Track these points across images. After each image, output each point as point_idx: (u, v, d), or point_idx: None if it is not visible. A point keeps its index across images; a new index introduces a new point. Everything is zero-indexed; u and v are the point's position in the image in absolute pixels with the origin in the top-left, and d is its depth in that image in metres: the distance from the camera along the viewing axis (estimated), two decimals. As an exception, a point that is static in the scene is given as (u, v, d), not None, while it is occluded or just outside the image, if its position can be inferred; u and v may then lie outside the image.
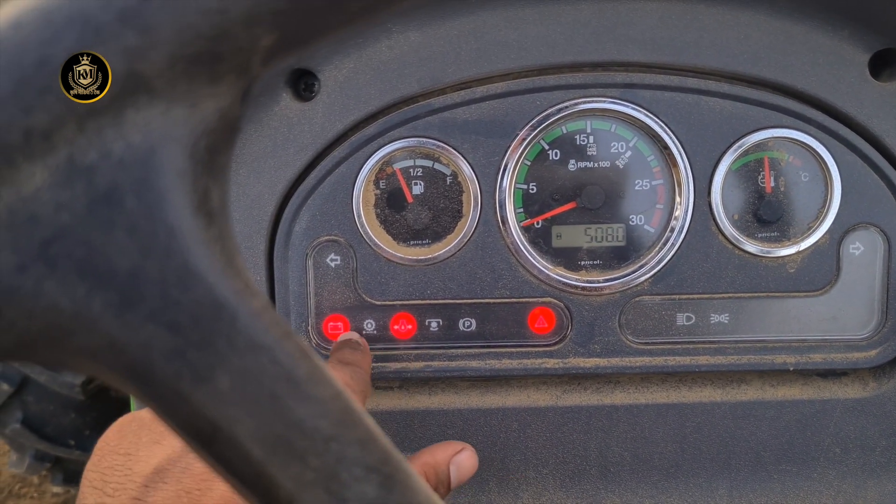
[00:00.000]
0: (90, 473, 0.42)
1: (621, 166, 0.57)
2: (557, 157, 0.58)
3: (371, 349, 0.58)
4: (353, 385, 0.48)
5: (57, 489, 1.83)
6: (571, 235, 0.58)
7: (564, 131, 0.57)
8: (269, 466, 0.20)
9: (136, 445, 0.42)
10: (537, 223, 0.58)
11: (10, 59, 0.18)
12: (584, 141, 0.57)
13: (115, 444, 0.42)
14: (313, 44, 0.22)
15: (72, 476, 1.44)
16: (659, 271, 0.57)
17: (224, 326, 0.20)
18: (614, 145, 0.57)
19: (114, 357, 0.19)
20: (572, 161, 0.57)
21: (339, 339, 0.57)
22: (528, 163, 0.57)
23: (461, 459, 0.50)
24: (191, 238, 0.20)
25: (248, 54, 0.20)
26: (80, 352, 0.20)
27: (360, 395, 0.48)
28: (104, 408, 1.27)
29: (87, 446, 1.32)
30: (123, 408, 1.34)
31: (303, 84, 0.57)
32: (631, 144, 0.57)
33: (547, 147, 0.57)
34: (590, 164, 0.57)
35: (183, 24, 0.19)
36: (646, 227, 0.58)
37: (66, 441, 1.31)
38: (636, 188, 0.58)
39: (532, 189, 0.58)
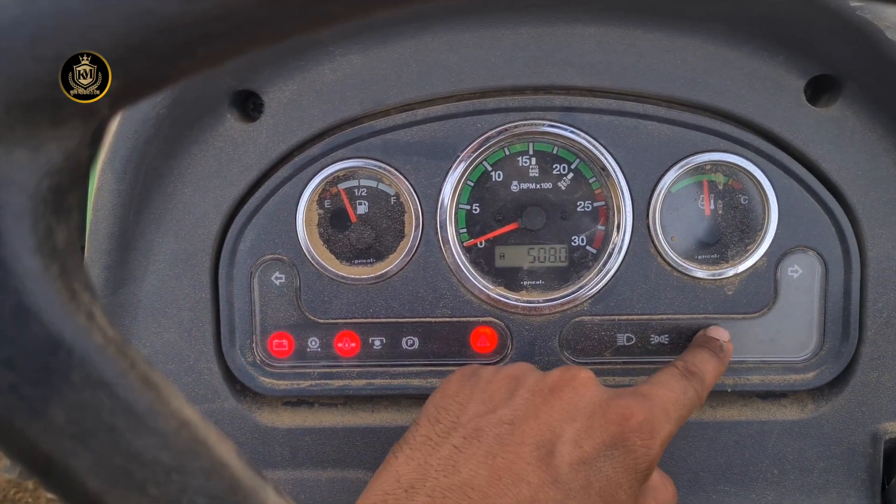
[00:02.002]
0: (430, 407, 0.49)
1: (563, 188, 0.58)
2: (500, 179, 0.58)
3: (314, 367, 0.59)
4: (675, 396, 0.48)
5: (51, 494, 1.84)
6: (515, 256, 0.59)
7: (507, 153, 0.58)
8: (107, 497, 0.21)
9: (470, 399, 0.48)
10: (480, 243, 0.59)
11: None
12: (526, 163, 0.58)
13: (454, 392, 0.49)
14: (164, 87, 0.23)
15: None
16: (598, 292, 0.58)
17: (59, 362, 0.20)
18: (556, 167, 0.58)
19: None
20: (515, 182, 0.58)
21: (709, 333, 0.57)
22: (472, 184, 0.58)
23: None
24: (27, 277, 0.20)
25: (94, 97, 0.21)
26: None
27: (679, 412, 0.48)
28: None
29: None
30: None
31: (251, 105, 0.58)
32: (573, 167, 0.58)
33: (490, 168, 0.58)
34: (532, 186, 0.58)
35: (19, 71, 0.20)
36: (588, 247, 0.59)
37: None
38: (578, 209, 0.58)
39: (475, 209, 0.58)
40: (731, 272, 0.57)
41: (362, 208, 0.58)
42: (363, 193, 0.58)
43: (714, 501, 0.58)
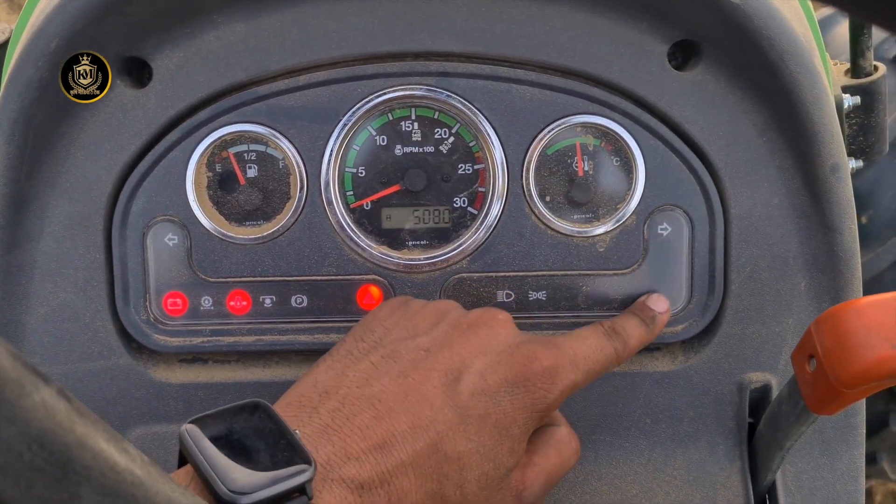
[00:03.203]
0: (358, 327, 0.53)
1: (444, 151, 0.61)
2: (384, 143, 0.61)
3: (207, 325, 0.61)
4: (589, 352, 0.53)
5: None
6: (400, 217, 0.61)
7: (391, 118, 0.60)
8: None
9: (396, 325, 0.52)
10: (366, 204, 0.61)
11: None
12: (409, 127, 0.61)
13: (383, 317, 0.53)
14: None
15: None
16: (476, 250, 0.60)
17: None
18: (438, 131, 0.61)
19: None
20: (398, 146, 0.61)
21: (648, 300, 0.59)
22: (357, 148, 0.61)
23: None
24: None
25: None
26: None
27: (591, 366, 0.53)
28: None
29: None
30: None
31: (147, 74, 0.60)
32: (453, 131, 0.61)
33: (374, 133, 0.61)
34: (415, 149, 0.61)
35: None
36: (469, 208, 0.61)
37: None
38: (459, 172, 0.61)
39: (361, 173, 0.61)
40: (601, 230, 0.60)
41: (252, 172, 0.61)
42: (252, 157, 0.61)
43: (589, 450, 0.61)
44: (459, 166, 0.61)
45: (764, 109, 0.58)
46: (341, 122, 0.59)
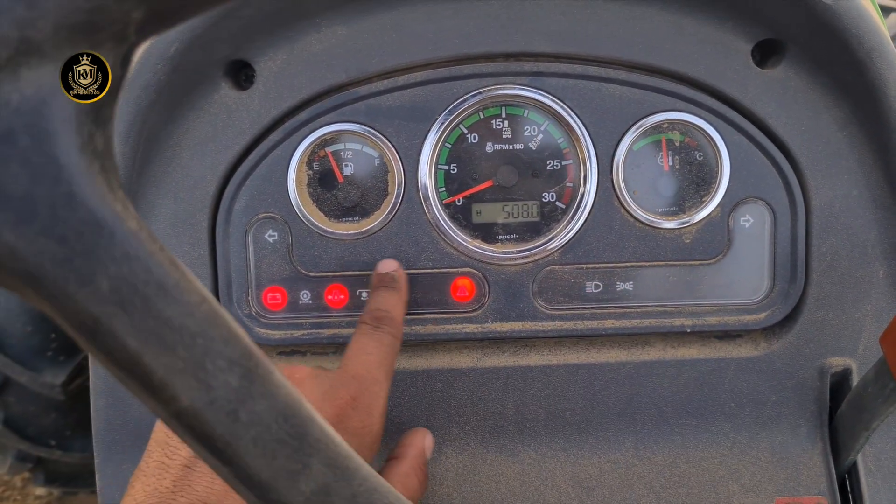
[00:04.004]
0: (158, 431, 0.49)
1: (534, 148, 0.63)
2: (476, 140, 0.63)
3: (306, 318, 0.64)
4: (376, 359, 0.53)
5: (40, 491, 1.86)
6: (490, 212, 0.64)
7: (482, 116, 0.63)
8: (144, 356, 0.26)
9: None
10: (458, 200, 0.63)
11: None
12: (499, 125, 0.63)
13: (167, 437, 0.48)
14: (182, 19, 0.27)
15: (54, 477, 1.46)
16: (567, 243, 0.63)
17: (104, 240, 0.25)
18: (527, 129, 0.63)
19: (12, 264, 0.25)
20: (489, 144, 0.63)
21: (378, 269, 0.61)
22: (449, 146, 0.63)
23: (427, 445, 0.57)
24: (75, 170, 0.25)
25: (123, 25, 0.26)
26: None
27: (386, 368, 0.53)
28: (85, 408, 1.30)
29: (67, 446, 1.35)
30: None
31: (243, 75, 0.62)
32: (542, 128, 0.63)
33: (466, 131, 0.63)
34: (505, 147, 0.63)
35: None
36: (557, 203, 0.63)
37: (47, 441, 1.33)
38: (548, 168, 0.63)
39: (453, 169, 0.63)
40: (688, 222, 0.62)
41: (348, 169, 0.63)
42: (349, 156, 0.63)
43: (677, 434, 0.63)
44: (548, 162, 0.63)
45: (845, 105, 0.60)
46: (438, 121, 0.61)
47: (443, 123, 0.61)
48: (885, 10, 1.77)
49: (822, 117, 0.61)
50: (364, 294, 0.64)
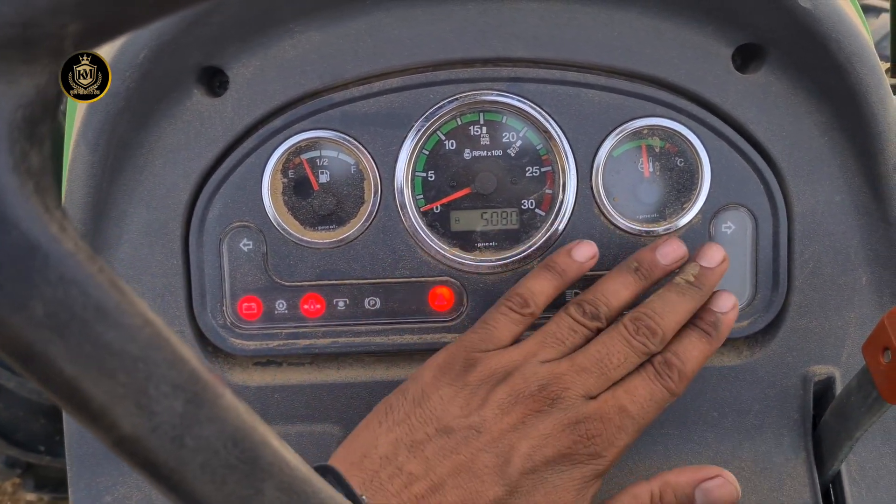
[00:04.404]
0: (413, 388, 0.55)
1: (513, 154, 0.62)
2: (453, 147, 0.62)
3: (282, 328, 0.63)
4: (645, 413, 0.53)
5: (31, 497, 1.85)
6: (469, 219, 0.63)
7: (459, 123, 0.62)
8: (82, 382, 0.25)
9: (452, 398, 0.53)
10: (436, 208, 0.62)
11: None
12: (477, 132, 0.62)
13: (440, 383, 0.54)
14: (122, 32, 0.26)
15: (44, 482, 1.45)
16: (548, 250, 0.62)
17: (38, 264, 0.24)
18: (506, 135, 0.62)
19: None
20: (467, 150, 0.62)
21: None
22: (427, 152, 0.62)
23: (711, 486, 0.52)
24: (6, 191, 0.24)
25: (58, 39, 0.25)
26: None
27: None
28: None
29: (57, 452, 1.34)
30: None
31: (217, 82, 0.61)
32: (521, 134, 0.62)
33: (443, 138, 0.62)
34: (483, 153, 0.62)
35: None
36: (537, 210, 0.63)
37: (36, 447, 1.32)
38: (527, 175, 0.62)
39: (430, 177, 0.62)
40: (669, 229, 0.61)
41: (324, 177, 0.62)
42: (325, 163, 0.62)
43: (658, 443, 0.63)
44: (527, 169, 0.62)
45: (827, 109, 0.59)
46: (414, 127, 0.60)
47: (420, 130, 0.61)
48: (875, 11, 1.76)
49: (804, 122, 0.60)
50: (342, 303, 0.63)
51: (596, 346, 0.53)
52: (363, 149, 0.61)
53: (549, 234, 0.61)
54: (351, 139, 0.61)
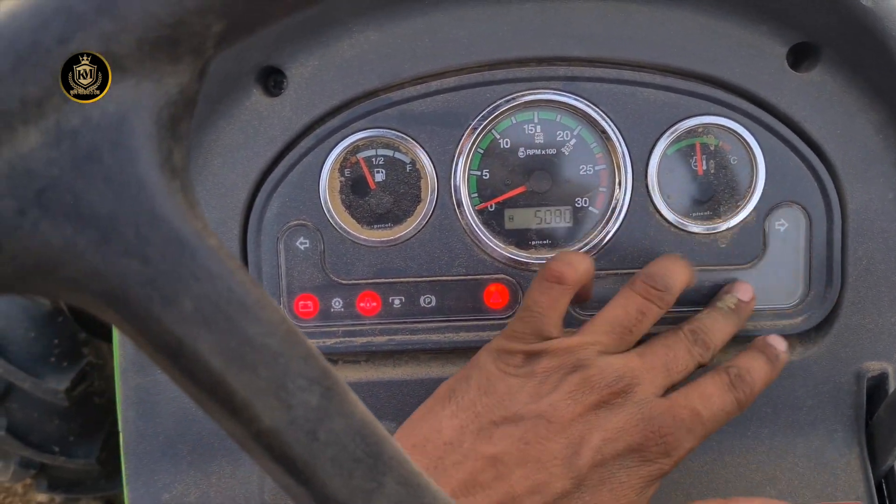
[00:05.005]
0: (478, 375, 0.54)
1: (567, 153, 0.63)
2: (508, 146, 0.63)
3: (339, 326, 0.63)
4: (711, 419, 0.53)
5: (42, 497, 1.85)
6: (523, 217, 0.63)
7: (514, 121, 0.62)
8: (227, 376, 0.25)
9: (521, 386, 0.53)
10: (490, 206, 0.63)
11: (8, 43, 0.23)
12: (531, 130, 0.62)
13: (509, 371, 0.53)
14: (259, 30, 0.27)
15: (57, 483, 1.45)
16: (602, 248, 0.62)
17: (186, 260, 0.24)
18: (560, 134, 0.63)
19: (96, 285, 0.24)
20: (522, 149, 0.63)
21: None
22: (481, 151, 0.62)
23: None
24: (157, 188, 0.24)
25: (202, 38, 0.25)
26: (68, 281, 0.24)
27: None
28: (89, 414, 1.30)
29: (71, 453, 1.34)
30: (107, 414, 1.33)
31: (272, 81, 0.62)
32: (575, 133, 0.62)
33: (498, 136, 0.62)
34: (538, 152, 0.63)
35: (147, 12, 0.24)
36: (590, 208, 0.63)
37: (50, 448, 1.32)
38: (581, 173, 0.63)
39: (485, 175, 0.63)
40: (723, 227, 0.62)
41: (380, 176, 0.62)
42: (381, 162, 0.62)
43: (714, 439, 0.63)
44: (581, 167, 0.63)
45: (882, 108, 0.60)
46: (471, 126, 0.61)
47: (476, 129, 0.61)
48: None
49: (858, 120, 0.60)
50: (397, 301, 0.63)
51: (663, 349, 0.54)
52: (420, 147, 0.61)
53: (604, 231, 0.62)
54: (408, 138, 0.61)
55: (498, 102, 0.61)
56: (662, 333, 0.57)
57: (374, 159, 0.62)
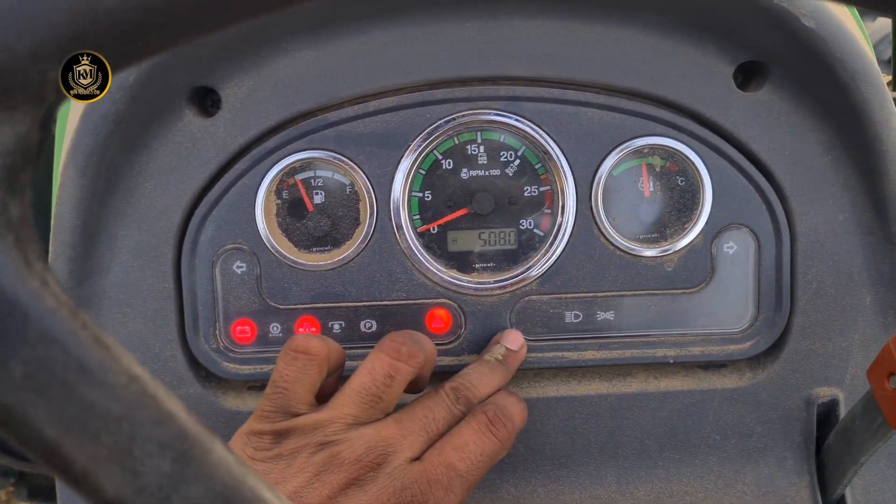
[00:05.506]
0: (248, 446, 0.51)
1: (511, 174, 0.61)
2: (451, 167, 0.61)
3: (277, 351, 0.61)
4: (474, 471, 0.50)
5: (24, 505, 1.84)
6: (466, 240, 0.62)
7: (456, 142, 0.61)
8: (63, 444, 0.23)
9: (268, 469, 0.49)
10: (433, 228, 0.61)
11: None
12: (475, 151, 0.61)
13: (259, 457, 0.50)
14: (115, 72, 0.25)
15: (37, 491, 1.44)
16: (546, 272, 0.61)
17: (16, 322, 0.23)
18: (503, 154, 0.61)
19: None
20: (465, 170, 0.61)
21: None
22: (423, 172, 0.61)
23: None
24: None
25: (40, 86, 0.23)
26: None
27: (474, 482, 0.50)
28: None
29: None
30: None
31: (210, 101, 0.60)
32: (519, 153, 0.61)
33: (440, 157, 0.61)
34: (481, 173, 0.61)
35: None
36: (535, 230, 0.61)
37: (28, 456, 1.31)
38: (526, 194, 0.61)
39: (427, 197, 0.61)
40: (669, 250, 0.60)
41: (319, 198, 0.61)
42: (319, 184, 0.61)
43: (660, 467, 0.61)
44: (525, 189, 0.61)
45: (829, 128, 0.58)
46: (411, 147, 0.59)
47: (416, 149, 0.59)
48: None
49: (807, 141, 0.59)
50: (337, 326, 0.61)
51: (422, 410, 0.51)
52: (358, 169, 0.60)
53: (548, 254, 0.60)
54: (346, 159, 0.59)
55: (438, 123, 0.59)
56: (425, 394, 0.54)
57: (312, 181, 0.61)
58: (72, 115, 0.57)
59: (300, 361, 0.51)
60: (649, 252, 0.60)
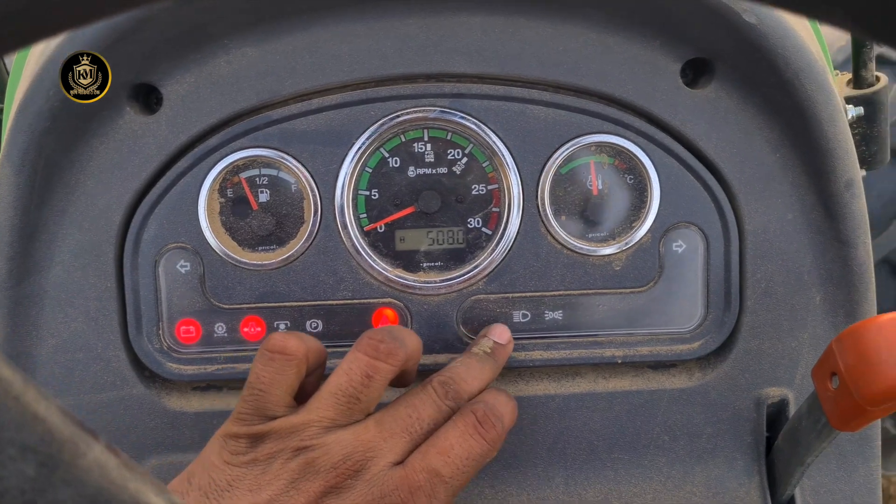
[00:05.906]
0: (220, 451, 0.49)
1: (458, 172, 0.60)
2: (397, 165, 0.60)
3: (221, 352, 0.61)
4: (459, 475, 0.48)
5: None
6: (414, 239, 0.61)
7: (403, 140, 0.60)
8: None
9: (242, 476, 0.48)
10: (380, 227, 0.61)
11: None
12: (422, 149, 0.60)
13: (236, 461, 0.48)
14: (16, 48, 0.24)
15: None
16: (493, 271, 0.60)
17: None
18: (451, 152, 0.60)
19: None
20: (412, 168, 0.60)
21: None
22: (370, 170, 0.60)
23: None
24: None
25: None
26: None
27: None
28: None
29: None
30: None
31: (154, 98, 0.59)
32: (466, 151, 0.60)
33: (387, 155, 0.60)
34: (428, 171, 0.60)
35: None
36: (483, 229, 0.61)
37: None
38: (473, 192, 0.61)
39: (374, 195, 0.60)
40: (617, 248, 0.60)
41: (264, 196, 0.60)
42: (264, 182, 0.60)
43: (609, 468, 0.61)
44: (473, 187, 0.61)
45: (777, 126, 0.58)
46: (355, 146, 0.59)
47: (361, 147, 0.59)
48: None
49: (755, 139, 0.59)
50: (283, 326, 0.61)
51: (406, 410, 0.49)
52: (302, 167, 0.59)
53: (494, 253, 0.60)
54: (289, 157, 0.59)
55: (382, 121, 0.59)
56: (410, 390, 0.52)
57: (257, 179, 0.60)
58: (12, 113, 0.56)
59: (277, 362, 0.49)
60: (597, 251, 0.60)
